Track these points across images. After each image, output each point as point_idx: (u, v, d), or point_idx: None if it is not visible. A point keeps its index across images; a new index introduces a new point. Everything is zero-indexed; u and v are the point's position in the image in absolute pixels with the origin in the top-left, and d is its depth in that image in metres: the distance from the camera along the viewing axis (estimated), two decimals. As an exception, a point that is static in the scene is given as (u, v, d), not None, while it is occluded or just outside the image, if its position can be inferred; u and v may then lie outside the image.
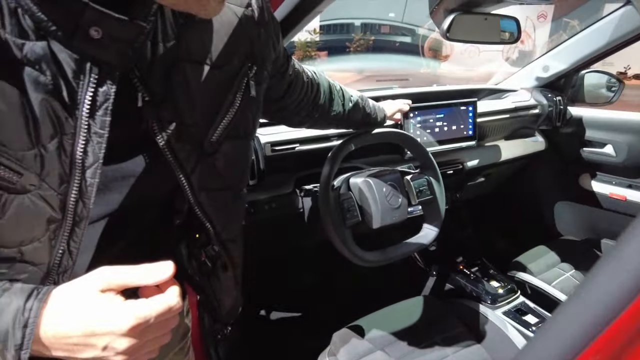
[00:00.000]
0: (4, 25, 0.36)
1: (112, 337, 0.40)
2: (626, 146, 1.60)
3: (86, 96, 0.41)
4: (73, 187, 0.44)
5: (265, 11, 0.60)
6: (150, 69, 0.47)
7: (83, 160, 0.43)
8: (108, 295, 0.41)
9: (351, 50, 11.93)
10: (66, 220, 0.45)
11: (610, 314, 0.28)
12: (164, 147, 0.51)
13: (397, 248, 1.12)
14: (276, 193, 1.25)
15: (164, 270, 0.43)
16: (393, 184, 1.12)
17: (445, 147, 1.42)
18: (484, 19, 1.19)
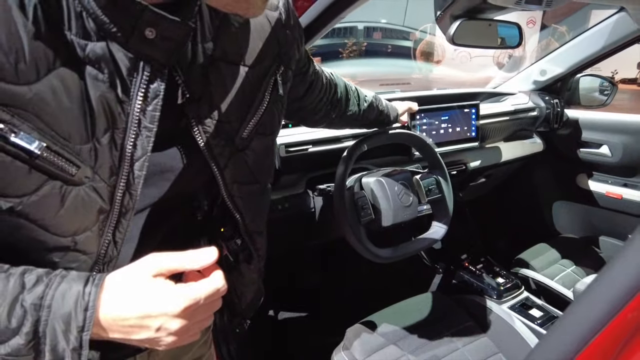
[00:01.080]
0: (70, 27, 0.39)
1: (166, 318, 0.42)
2: (621, 146, 1.67)
3: (139, 92, 0.44)
4: (122, 179, 0.47)
5: (291, 14, 0.64)
6: (190, 67, 0.50)
7: (132, 153, 0.46)
8: (159, 279, 0.44)
9: (344, 55, 11.98)
10: (113, 211, 0.48)
11: (615, 310, 0.33)
12: (201, 142, 0.54)
13: (409, 245, 1.16)
14: (289, 193, 1.29)
15: (208, 256, 0.46)
16: (404, 183, 1.16)
17: (450, 148, 1.47)
18: (487, 25, 1.24)
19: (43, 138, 0.39)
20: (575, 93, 1.83)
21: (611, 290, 0.33)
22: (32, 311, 0.40)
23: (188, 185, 0.60)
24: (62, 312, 0.40)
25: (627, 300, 0.31)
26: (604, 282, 0.34)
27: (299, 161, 1.25)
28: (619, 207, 1.72)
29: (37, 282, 0.41)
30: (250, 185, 0.64)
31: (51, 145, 0.40)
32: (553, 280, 1.53)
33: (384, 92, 1.73)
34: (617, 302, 0.32)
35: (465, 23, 1.20)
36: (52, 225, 0.43)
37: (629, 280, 0.31)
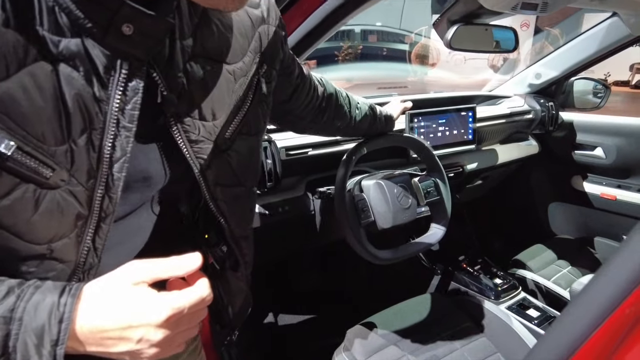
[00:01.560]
0: (42, 22, 0.37)
1: (148, 328, 0.40)
2: (615, 148, 1.69)
3: (117, 90, 0.42)
4: (100, 182, 0.44)
5: (272, 11, 0.62)
6: (169, 65, 0.48)
7: (111, 155, 0.44)
8: (141, 287, 0.42)
9: (340, 58, 12.01)
10: (92, 216, 0.45)
11: (613, 306, 0.34)
12: (180, 141, 0.51)
13: (408, 246, 1.18)
14: (289, 196, 1.30)
15: (192, 262, 0.44)
16: (403, 186, 1.18)
17: (447, 151, 1.49)
18: (484, 29, 1.27)
19: (13, 138, 0.37)
20: (570, 96, 1.86)
21: (609, 286, 0.34)
22: (1, 324, 0.37)
23: (170, 190, 0.58)
24: (35, 325, 0.38)
25: (625, 296, 0.32)
26: (602, 279, 0.35)
27: (299, 164, 1.26)
28: (613, 208, 1.75)
29: (7, 293, 0.39)
30: (234, 187, 0.62)
31: (22, 146, 0.38)
32: (550, 280, 1.55)
33: (381, 95, 1.76)
34: (615, 298, 0.33)
35: (462, 28, 1.22)
36: (26, 232, 0.41)
37: (626, 277, 0.33)
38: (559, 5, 1.13)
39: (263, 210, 1.22)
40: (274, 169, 1.12)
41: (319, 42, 0.87)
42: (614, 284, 0.33)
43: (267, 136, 1.12)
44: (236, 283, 0.70)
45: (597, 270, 0.38)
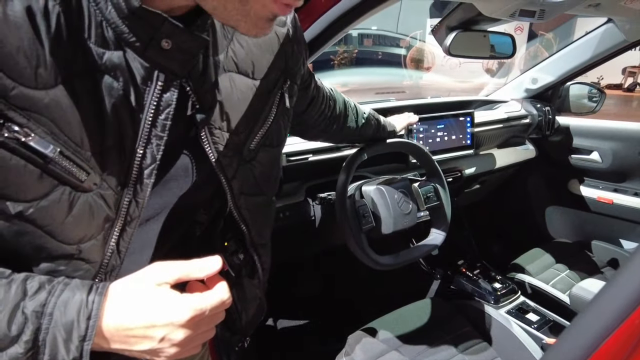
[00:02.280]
0: (89, 35, 0.40)
1: (171, 328, 0.42)
2: (611, 152, 1.71)
3: (152, 101, 0.45)
4: (129, 187, 0.47)
5: (297, 30, 0.66)
6: (201, 79, 0.51)
7: (141, 162, 0.46)
8: (164, 288, 0.43)
9: (336, 62, 12.04)
10: (119, 219, 0.48)
11: (622, 316, 0.35)
12: (210, 153, 0.54)
13: (409, 252, 1.18)
14: (289, 202, 1.30)
15: (213, 265, 0.46)
16: (404, 191, 1.18)
17: (446, 156, 1.50)
18: (482, 36, 1.28)
19: (56, 143, 0.39)
20: (566, 100, 1.88)
21: (619, 296, 0.35)
22: (34, 319, 0.39)
23: (191, 197, 0.59)
24: (65, 321, 0.39)
25: (635, 306, 0.33)
26: (611, 289, 0.36)
27: (299, 170, 1.26)
28: (610, 211, 1.77)
29: (39, 289, 0.40)
30: (256, 196, 0.64)
31: (64, 151, 0.40)
32: (548, 284, 1.56)
33: (379, 100, 1.77)
34: (625, 309, 0.34)
35: (460, 34, 1.23)
36: (59, 232, 0.43)
37: (636, 287, 0.33)
38: (556, 12, 1.14)
39: None
40: (275, 175, 1.12)
41: (324, 48, 0.88)
42: (624, 294, 0.34)
43: None
44: (252, 290, 0.72)
45: (607, 281, 0.38)
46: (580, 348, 0.36)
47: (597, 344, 0.35)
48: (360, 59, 11.83)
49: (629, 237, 1.77)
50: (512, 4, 1.07)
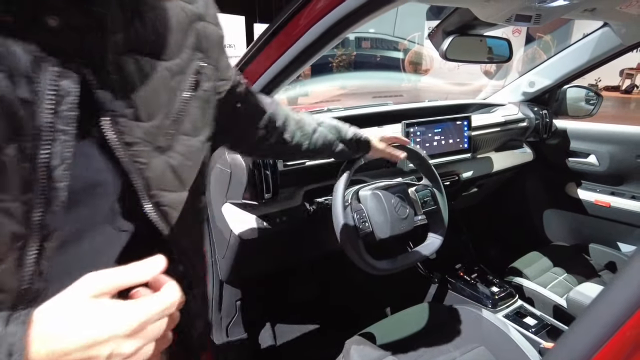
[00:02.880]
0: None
1: (116, 342, 0.36)
2: (608, 156, 1.71)
3: (47, 91, 0.38)
4: (38, 196, 0.40)
5: (211, 8, 0.60)
6: (100, 61, 0.43)
7: (48, 163, 0.39)
8: (102, 300, 0.37)
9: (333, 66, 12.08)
10: (33, 236, 0.40)
11: (615, 327, 0.35)
12: (115, 144, 0.46)
13: (406, 256, 1.18)
14: (287, 206, 1.30)
15: (155, 265, 0.40)
16: (400, 196, 1.18)
17: (443, 160, 1.50)
18: (479, 40, 1.28)
19: None
20: (563, 104, 1.89)
21: (617, 302, 0.35)
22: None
23: (121, 202, 0.52)
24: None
25: (634, 311, 0.33)
26: (610, 293, 0.36)
27: (297, 174, 1.26)
28: (607, 215, 1.77)
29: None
30: (177, 193, 0.57)
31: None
32: (546, 288, 1.56)
33: (377, 104, 1.77)
34: (623, 314, 0.34)
35: (457, 39, 1.24)
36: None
37: (628, 298, 0.33)
38: (551, 17, 1.15)
39: (261, 221, 1.22)
40: (272, 180, 1.12)
41: (323, 51, 0.87)
42: (622, 299, 0.34)
43: None
44: (195, 303, 0.64)
45: (605, 285, 0.38)
46: (578, 353, 0.36)
47: (595, 349, 0.35)
48: (358, 62, 11.88)
49: (627, 240, 1.77)
50: (508, 9, 1.07)
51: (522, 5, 1.06)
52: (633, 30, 1.39)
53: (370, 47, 12.35)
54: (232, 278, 1.41)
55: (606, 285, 0.38)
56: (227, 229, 1.22)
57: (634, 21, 1.32)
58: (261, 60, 0.93)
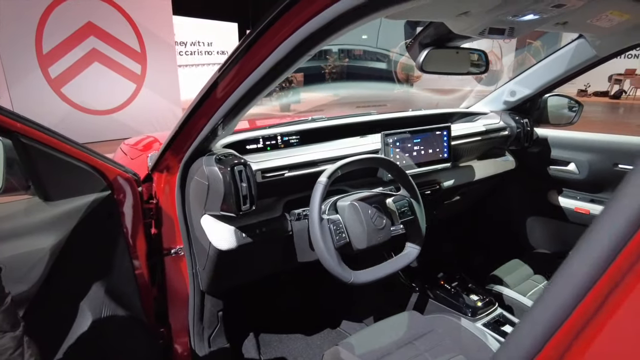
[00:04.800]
0: None
1: None
2: (587, 164, 1.74)
3: None
4: None
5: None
6: None
7: None
8: None
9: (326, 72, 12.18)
10: None
11: (564, 315, 0.36)
12: None
13: (383, 267, 1.19)
14: (266, 217, 1.31)
15: None
16: (377, 206, 1.19)
17: (422, 170, 1.51)
18: (455, 52, 1.30)
19: None
20: (544, 112, 1.91)
21: (557, 300, 0.36)
22: None
23: None
24: None
25: (572, 309, 0.34)
26: (551, 292, 0.37)
27: (276, 185, 1.27)
28: (587, 222, 1.78)
29: None
30: None
31: None
32: (525, 296, 1.58)
33: (359, 114, 1.79)
34: (564, 311, 0.35)
35: (433, 51, 1.25)
36: None
37: (573, 291, 0.35)
38: (525, 30, 1.17)
39: (240, 232, 1.23)
40: (249, 192, 1.12)
41: (304, 59, 0.87)
42: (562, 296, 0.35)
43: (242, 159, 1.13)
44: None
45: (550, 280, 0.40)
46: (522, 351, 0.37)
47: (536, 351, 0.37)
48: (341, 73, 12.06)
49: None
50: (480, 22, 1.09)
51: (494, 19, 1.07)
52: (606, 43, 1.41)
53: (355, 59, 12.58)
54: (213, 289, 1.41)
55: (546, 286, 0.39)
56: (206, 240, 1.22)
57: (606, 34, 1.34)
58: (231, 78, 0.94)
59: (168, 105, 7.18)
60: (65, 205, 1.10)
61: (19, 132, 0.93)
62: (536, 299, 0.40)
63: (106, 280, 1.21)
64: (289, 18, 0.74)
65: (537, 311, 0.39)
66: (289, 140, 1.52)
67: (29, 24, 5.64)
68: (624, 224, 0.32)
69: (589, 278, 0.34)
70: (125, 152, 1.74)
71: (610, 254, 0.32)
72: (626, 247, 0.32)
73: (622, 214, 0.32)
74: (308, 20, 0.72)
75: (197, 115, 1.06)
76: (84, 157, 1.09)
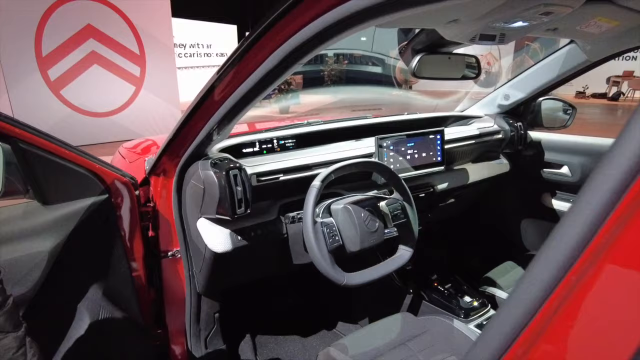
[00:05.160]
0: None
1: None
2: (580, 167, 1.76)
3: None
4: None
5: None
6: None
7: None
8: None
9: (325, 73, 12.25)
10: None
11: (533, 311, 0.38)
12: None
13: (376, 269, 1.20)
14: (261, 220, 1.33)
15: None
16: (370, 210, 1.21)
17: (416, 173, 1.53)
18: (447, 57, 1.32)
19: None
20: (538, 116, 1.93)
21: (518, 308, 0.38)
22: None
23: None
24: None
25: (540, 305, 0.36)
26: (516, 293, 0.39)
27: (271, 189, 1.29)
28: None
29: None
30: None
31: None
32: (519, 297, 1.59)
33: (355, 118, 1.81)
34: (533, 307, 0.37)
35: (425, 57, 1.28)
36: None
37: (533, 297, 0.37)
38: (516, 36, 1.19)
39: (235, 235, 1.25)
40: (244, 196, 1.14)
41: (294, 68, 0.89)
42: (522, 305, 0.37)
43: (237, 163, 1.15)
44: None
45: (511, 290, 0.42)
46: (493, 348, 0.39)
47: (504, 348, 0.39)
48: (337, 77, 12.20)
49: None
50: (471, 29, 1.12)
51: (485, 26, 1.09)
52: (597, 48, 1.43)
53: (349, 63, 12.78)
54: (209, 291, 1.43)
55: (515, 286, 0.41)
56: (202, 243, 1.24)
57: (596, 39, 1.37)
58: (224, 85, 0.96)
59: (167, 107, 7.20)
60: (64, 209, 1.11)
61: (18, 138, 0.95)
62: (506, 298, 0.42)
63: (104, 283, 1.22)
64: (279, 28, 0.76)
65: (504, 311, 0.41)
66: (285, 144, 1.54)
67: (29, 26, 5.67)
68: (582, 228, 0.34)
69: (551, 280, 0.36)
70: (123, 156, 1.76)
71: (570, 256, 0.35)
72: (585, 251, 0.34)
73: (580, 219, 0.34)
74: (299, 30, 0.74)
75: (193, 120, 1.08)
76: (81, 161, 1.11)
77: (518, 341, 0.38)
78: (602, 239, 0.33)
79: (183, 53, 10.30)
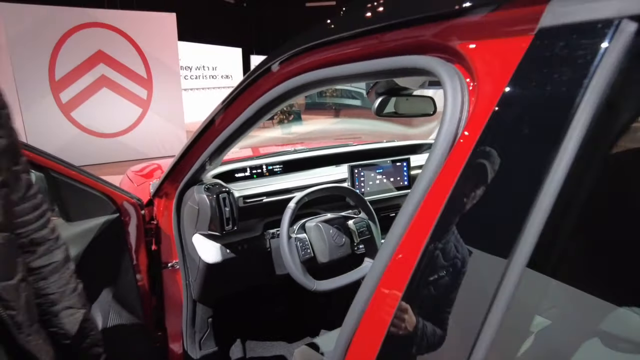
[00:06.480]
0: None
1: None
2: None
3: None
4: None
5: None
6: None
7: None
8: None
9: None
10: None
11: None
12: None
13: (342, 278, 1.41)
14: (248, 236, 1.56)
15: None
16: (338, 227, 1.44)
17: (384, 195, 1.76)
18: (405, 99, 1.56)
19: None
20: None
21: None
22: None
23: None
24: None
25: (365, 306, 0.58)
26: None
27: (256, 209, 1.52)
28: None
29: None
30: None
31: None
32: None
33: (338, 145, 2.05)
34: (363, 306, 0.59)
35: (385, 99, 1.51)
36: None
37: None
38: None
39: (224, 249, 1.47)
40: (231, 215, 1.37)
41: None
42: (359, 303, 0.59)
43: (226, 188, 1.39)
44: (28, 346, 0.64)
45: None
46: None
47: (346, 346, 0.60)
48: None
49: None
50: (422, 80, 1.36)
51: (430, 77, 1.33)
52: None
53: (330, 96, 13.79)
54: (203, 298, 1.64)
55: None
56: (196, 255, 1.47)
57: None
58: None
59: (172, 128, 7.50)
60: (83, 225, 1.34)
61: (50, 167, 1.19)
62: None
63: (114, 288, 1.44)
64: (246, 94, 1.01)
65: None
66: (273, 169, 1.77)
67: (44, 51, 6.03)
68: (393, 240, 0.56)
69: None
70: (131, 179, 2.00)
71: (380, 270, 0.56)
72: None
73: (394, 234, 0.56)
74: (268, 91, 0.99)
75: (189, 154, 1.32)
76: (98, 186, 1.35)
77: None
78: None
79: (189, 75, 10.61)
